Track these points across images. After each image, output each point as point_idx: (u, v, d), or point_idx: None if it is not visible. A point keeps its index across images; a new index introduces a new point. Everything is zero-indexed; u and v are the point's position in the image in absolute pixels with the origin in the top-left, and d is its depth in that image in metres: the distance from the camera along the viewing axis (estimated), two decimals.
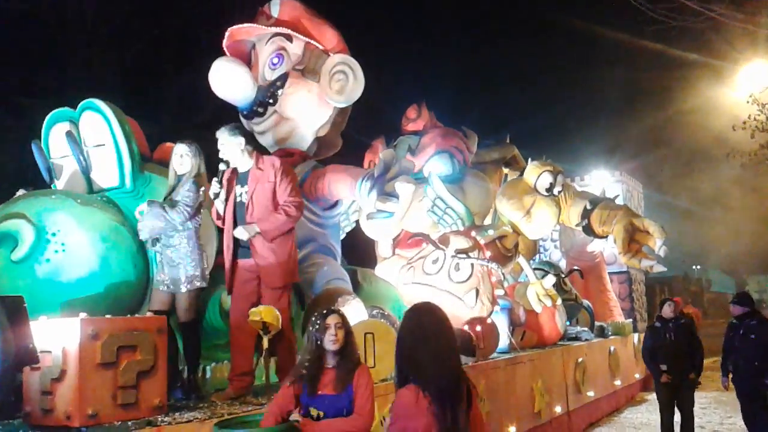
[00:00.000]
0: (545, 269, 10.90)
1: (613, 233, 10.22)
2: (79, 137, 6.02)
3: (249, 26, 8.17)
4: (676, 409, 7.98)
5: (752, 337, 7.30)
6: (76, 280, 5.15)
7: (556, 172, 9.49)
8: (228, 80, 7.76)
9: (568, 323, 10.67)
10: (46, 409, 3.96)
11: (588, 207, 10.51)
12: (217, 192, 5.44)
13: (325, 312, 3.71)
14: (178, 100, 18.00)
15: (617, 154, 23.70)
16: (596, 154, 22.33)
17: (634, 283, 15.82)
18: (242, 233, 5.27)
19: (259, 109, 7.95)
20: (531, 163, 9.79)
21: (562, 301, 10.19)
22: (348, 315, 6.07)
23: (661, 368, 7.83)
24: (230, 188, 5.48)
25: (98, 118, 5.91)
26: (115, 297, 5.34)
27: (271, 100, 7.91)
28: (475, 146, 10.72)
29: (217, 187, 5.43)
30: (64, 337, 3.94)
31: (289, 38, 8.06)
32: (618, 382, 11.83)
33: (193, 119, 16.54)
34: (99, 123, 5.91)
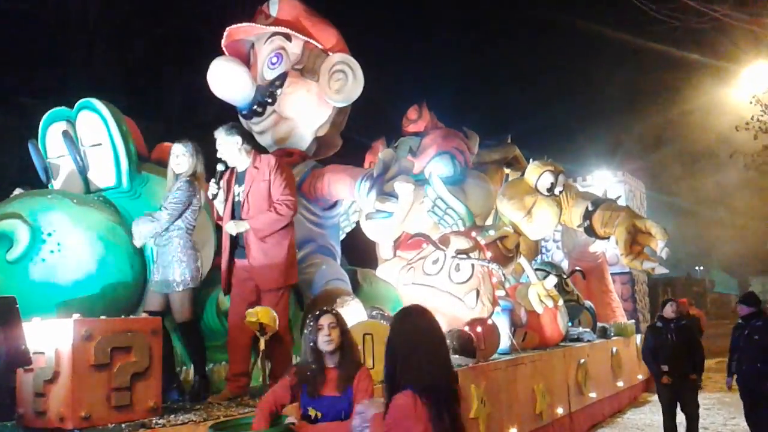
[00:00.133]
0: (547, 270, 10.84)
1: (615, 235, 10.15)
2: (75, 137, 5.98)
3: (247, 25, 8.13)
4: (678, 409, 7.93)
5: (756, 338, 7.24)
6: (72, 280, 5.11)
7: (557, 171, 9.42)
8: (226, 80, 7.74)
9: (569, 324, 10.61)
10: (40, 411, 3.91)
11: (590, 208, 10.45)
12: (215, 193, 5.40)
13: (318, 313, 3.68)
14: (181, 100, 18.01)
15: (619, 155, 23.67)
16: (598, 154, 22.20)
17: (637, 284, 15.75)
18: (232, 228, 5.24)
19: (258, 109, 7.92)
20: (532, 163, 9.72)
21: (564, 302, 10.13)
22: (347, 316, 6.04)
23: (663, 369, 7.78)
24: (229, 188, 5.45)
25: (95, 118, 5.86)
26: (111, 298, 5.31)
27: (269, 100, 7.87)
28: (476, 147, 10.65)
29: (215, 188, 5.39)
30: (57, 338, 3.89)
31: (288, 37, 8.03)
32: (620, 384, 11.76)
33: (196, 119, 16.54)
34: (96, 122, 5.86)
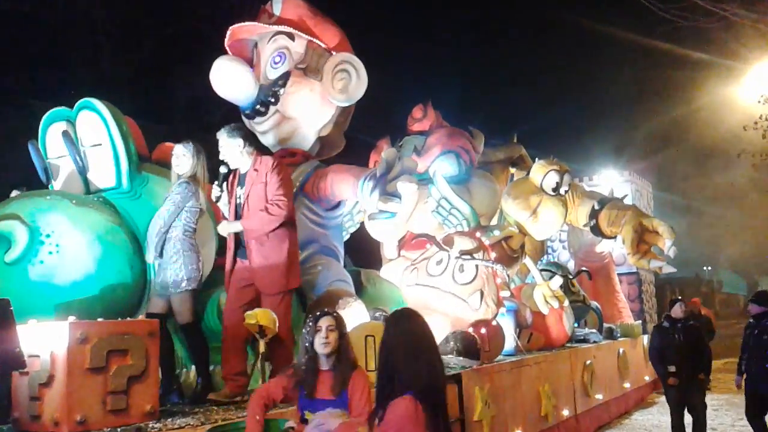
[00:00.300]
0: (552, 270, 10.75)
1: (621, 233, 10.08)
2: (75, 137, 5.94)
3: (250, 24, 8.08)
4: (686, 410, 7.84)
5: (765, 337, 7.15)
6: (70, 282, 5.06)
7: (562, 171, 9.33)
8: (229, 79, 7.68)
9: (576, 325, 10.51)
10: (35, 414, 3.87)
11: (596, 207, 10.38)
12: (218, 195, 5.35)
13: (318, 314, 3.63)
14: (188, 101, 18.01)
15: (626, 154, 23.53)
16: (605, 153, 22.16)
17: (644, 284, 15.65)
18: (223, 228, 5.20)
19: (260, 109, 7.87)
20: (537, 162, 9.64)
21: (570, 302, 10.02)
22: (349, 317, 5.98)
23: (670, 369, 7.68)
24: (232, 190, 5.41)
25: (95, 118, 5.81)
26: (111, 299, 5.25)
27: (272, 100, 7.82)
28: (481, 146, 10.57)
29: (218, 191, 5.34)
30: (52, 341, 3.84)
31: (291, 36, 7.96)
32: (627, 385, 11.65)
33: (204, 120, 16.52)
34: (96, 122, 5.82)
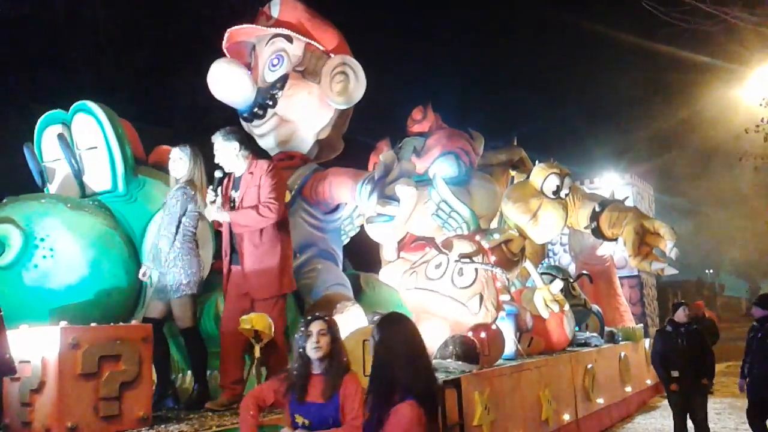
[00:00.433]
0: (553, 274, 10.70)
1: (622, 236, 10.01)
2: (71, 140, 5.90)
3: (248, 27, 8.05)
4: (689, 414, 7.77)
5: None
6: (65, 286, 5.01)
7: (563, 174, 9.27)
8: (227, 82, 7.65)
9: (576, 329, 10.45)
10: (26, 421, 3.82)
11: (597, 209, 10.33)
12: (213, 199, 5.30)
13: (309, 318, 3.59)
14: (189, 103, 17.96)
15: (627, 157, 23.52)
16: (606, 156, 22.16)
17: (646, 288, 15.59)
18: (210, 214, 5.16)
19: (258, 112, 7.83)
20: (537, 166, 9.58)
21: (571, 306, 9.96)
22: (347, 321, 5.91)
23: (673, 374, 7.62)
24: (226, 194, 5.35)
25: (91, 121, 5.79)
26: (106, 304, 5.20)
27: (270, 102, 7.78)
28: (481, 148, 10.52)
29: (213, 195, 5.29)
30: (43, 346, 3.80)
31: (289, 39, 7.93)
32: (629, 389, 11.58)
33: (205, 123, 16.48)
34: (91, 125, 5.79)
